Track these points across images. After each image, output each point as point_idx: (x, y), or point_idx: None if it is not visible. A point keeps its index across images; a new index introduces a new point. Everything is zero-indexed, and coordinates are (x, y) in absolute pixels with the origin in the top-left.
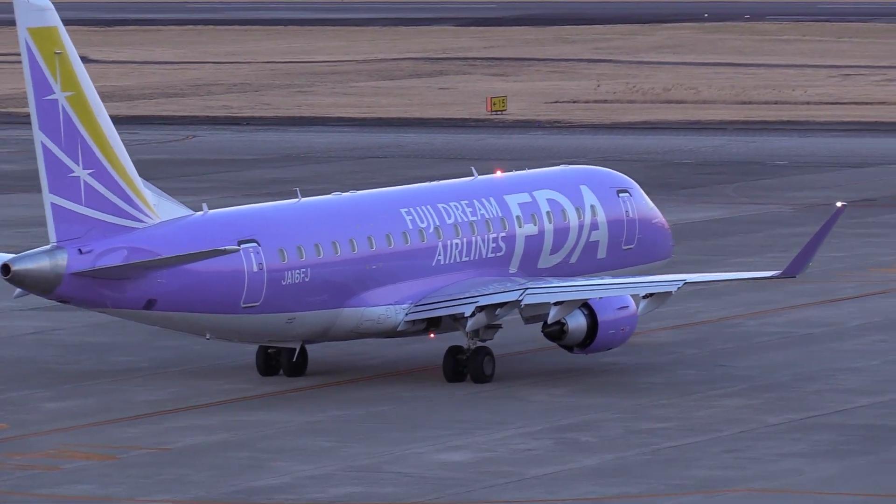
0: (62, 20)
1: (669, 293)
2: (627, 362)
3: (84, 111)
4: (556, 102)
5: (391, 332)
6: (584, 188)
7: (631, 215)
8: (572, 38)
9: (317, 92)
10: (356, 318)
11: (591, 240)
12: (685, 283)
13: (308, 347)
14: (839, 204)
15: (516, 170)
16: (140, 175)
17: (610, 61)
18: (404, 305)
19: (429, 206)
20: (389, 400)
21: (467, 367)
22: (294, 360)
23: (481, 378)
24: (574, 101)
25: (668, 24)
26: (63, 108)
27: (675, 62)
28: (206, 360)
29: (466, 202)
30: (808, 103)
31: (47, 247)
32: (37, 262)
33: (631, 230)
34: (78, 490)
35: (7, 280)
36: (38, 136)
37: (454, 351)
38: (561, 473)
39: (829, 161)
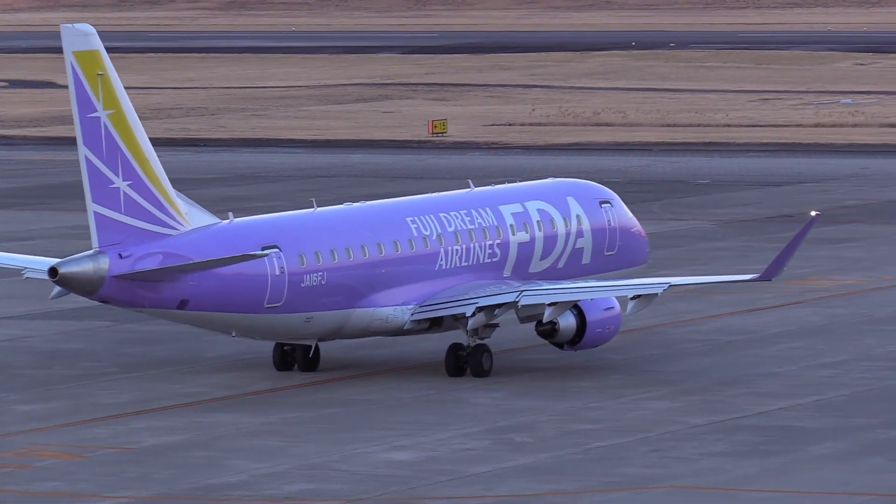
0: (32, 49)
1: (655, 294)
2: (561, 368)
3: (123, 128)
4: (493, 125)
5: (398, 331)
6: (570, 199)
7: (612, 224)
8: (508, 64)
9: (270, 115)
10: (367, 317)
11: (576, 246)
12: (669, 285)
13: (320, 345)
14: (813, 213)
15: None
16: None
17: (544, 87)
18: (410, 306)
19: (431, 216)
20: (339, 403)
21: (467, 362)
22: (310, 356)
23: (480, 372)
24: (510, 124)
25: (599, 52)
26: (105, 124)
27: (605, 87)
28: (167, 365)
29: (465, 212)
30: (728, 126)
31: (90, 251)
32: (81, 265)
33: (612, 238)
34: (47, 487)
35: (54, 282)
36: (83, 151)
37: (455, 348)
38: (498, 471)
39: (748, 180)
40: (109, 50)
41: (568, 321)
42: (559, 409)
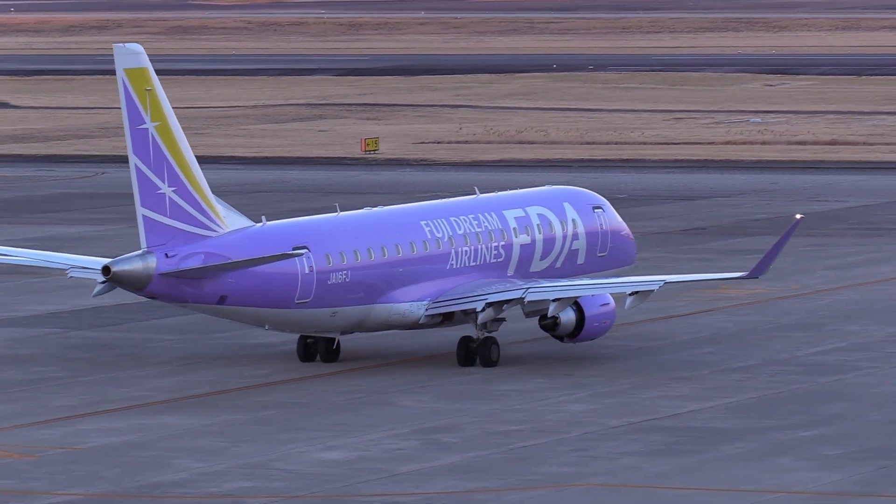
0: None
1: (651, 290)
2: (484, 372)
3: (169, 138)
4: (422, 143)
5: (414, 325)
6: (566, 205)
7: (604, 228)
8: (436, 86)
9: (211, 134)
10: (386, 312)
11: (572, 248)
12: (665, 283)
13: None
14: (797, 216)
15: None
16: (62, 208)
17: (470, 107)
18: (425, 302)
19: (443, 219)
20: (274, 406)
21: (477, 353)
22: (333, 347)
23: (489, 362)
24: (438, 142)
25: (522, 74)
26: (152, 135)
27: (528, 107)
28: (114, 370)
29: (473, 216)
30: (644, 143)
31: (139, 251)
32: (132, 264)
33: (604, 240)
34: (1, 485)
35: (107, 279)
36: (132, 159)
37: (466, 340)
38: (427, 470)
39: (663, 194)
40: (59, 72)
41: (568, 316)
42: (483, 411)
